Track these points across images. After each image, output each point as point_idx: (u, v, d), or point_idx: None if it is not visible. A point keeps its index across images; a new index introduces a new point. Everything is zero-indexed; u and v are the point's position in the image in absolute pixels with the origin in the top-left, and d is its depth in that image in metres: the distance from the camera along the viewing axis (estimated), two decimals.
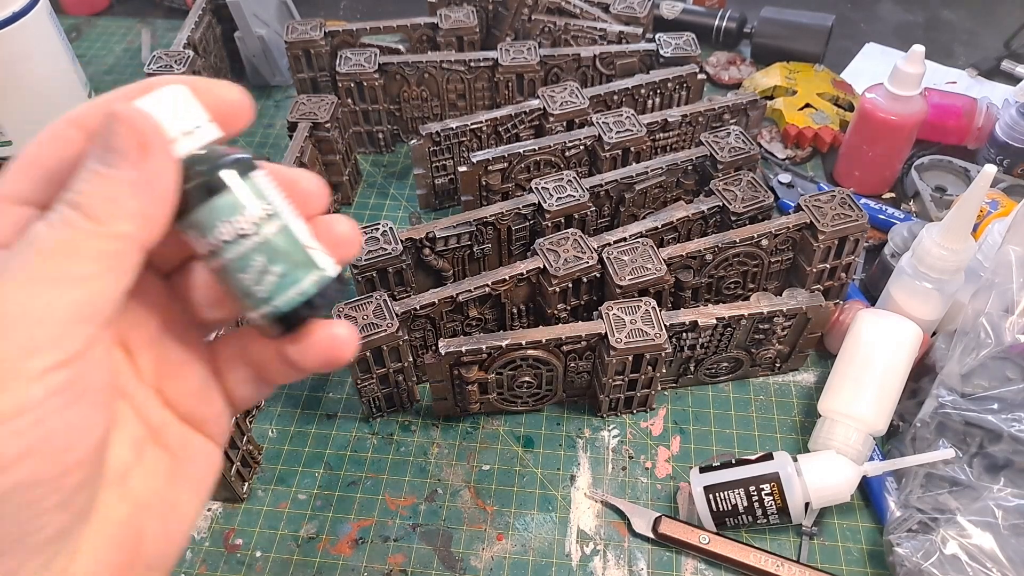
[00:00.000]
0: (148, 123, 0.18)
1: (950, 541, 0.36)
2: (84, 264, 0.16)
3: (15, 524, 0.16)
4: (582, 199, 0.45)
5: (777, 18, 0.67)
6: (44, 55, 0.60)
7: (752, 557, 0.38)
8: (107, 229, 0.17)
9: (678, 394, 0.46)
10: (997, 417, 0.38)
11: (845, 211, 0.43)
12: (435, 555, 0.39)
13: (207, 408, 0.22)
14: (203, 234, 0.19)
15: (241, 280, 0.19)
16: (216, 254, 0.19)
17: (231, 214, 0.19)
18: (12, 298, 0.16)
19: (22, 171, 0.19)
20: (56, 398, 0.16)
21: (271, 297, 0.19)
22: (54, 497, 0.16)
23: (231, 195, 0.19)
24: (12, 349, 0.15)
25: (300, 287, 0.19)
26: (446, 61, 0.56)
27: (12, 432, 0.15)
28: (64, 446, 0.16)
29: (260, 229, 0.19)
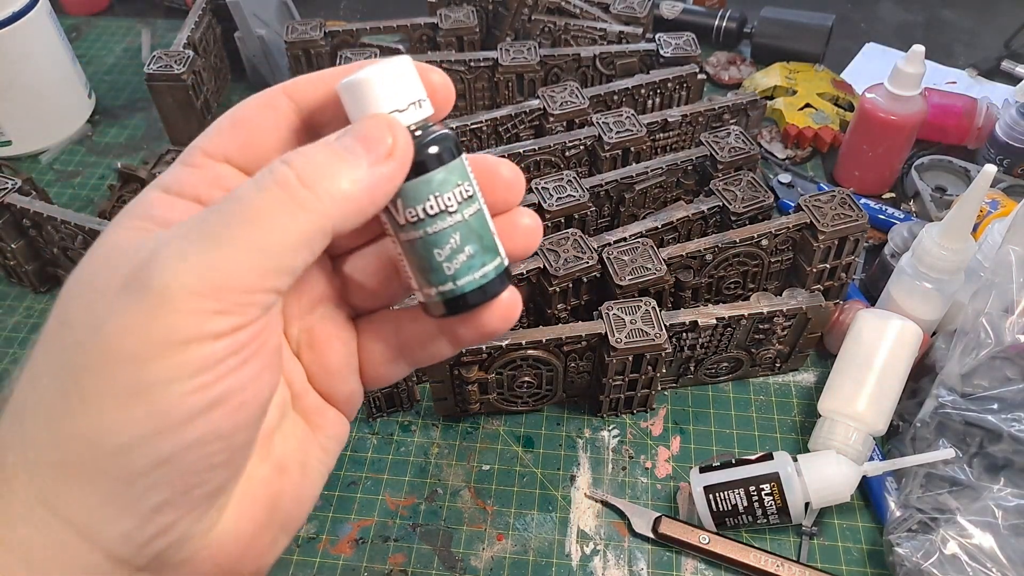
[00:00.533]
0: (403, 133, 0.18)
1: (950, 541, 0.36)
2: (280, 235, 0.16)
3: (187, 476, 0.16)
4: (582, 199, 0.45)
5: (777, 18, 0.67)
6: (44, 55, 0.60)
7: (752, 557, 0.38)
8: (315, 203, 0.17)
9: (678, 394, 0.46)
10: (997, 417, 0.38)
11: (845, 211, 0.43)
12: (435, 555, 0.39)
13: (342, 386, 0.23)
14: (410, 204, 0.19)
15: (433, 255, 0.19)
16: (416, 225, 0.19)
17: (442, 189, 0.19)
18: (205, 258, 0.16)
19: (227, 129, 0.19)
20: (234, 357, 0.16)
21: (457, 276, 0.20)
22: (224, 454, 0.17)
23: (444, 170, 0.19)
24: (199, 310, 0.16)
25: (484, 270, 0.20)
26: (446, 61, 0.56)
27: (197, 386, 0.16)
28: (239, 403, 0.17)
29: (462, 208, 0.19)
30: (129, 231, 0.17)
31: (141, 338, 0.15)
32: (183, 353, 0.16)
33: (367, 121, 0.18)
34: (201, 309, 0.16)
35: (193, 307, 0.16)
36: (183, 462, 0.16)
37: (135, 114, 0.66)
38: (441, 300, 0.20)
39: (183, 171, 0.19)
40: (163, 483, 0.16)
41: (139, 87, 0.68)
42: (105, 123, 0.66)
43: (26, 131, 0.62)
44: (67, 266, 0.51)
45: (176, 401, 0.16)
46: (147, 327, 0.15)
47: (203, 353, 0.16)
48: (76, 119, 0.65)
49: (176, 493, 0.16)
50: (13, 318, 0.51)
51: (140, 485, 0.16)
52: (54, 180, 0.61)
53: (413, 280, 0.20)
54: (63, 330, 0.16)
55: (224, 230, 0.16)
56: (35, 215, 0.48)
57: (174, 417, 0.16)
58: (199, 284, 0.16)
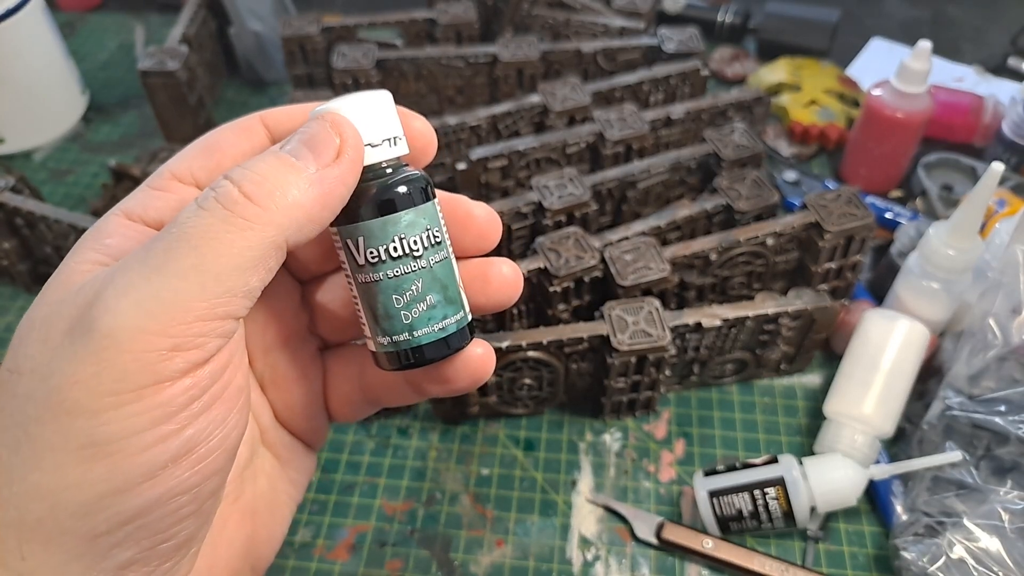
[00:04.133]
0: (351, 131, 0.17)
1: (956, 545, 0.35)
2: (228, 256, 0.15)
3: (153, 533, 0.16)
4: (584, 197, 0.44)
5: (782, 13, 0.66)
6: (37, 52, 0.59)
7: (757, 562, 0.37)
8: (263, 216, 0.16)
9: (682, 396, 0.45)
10: (1004, 419, 0.38)
11: (851, 210, 0.42)
12: (433, 561, 0.39)
13: (310, 421, 0.22)
14: (372, 244, 0.18)
15: (391, 301, 0.18)
16: (375, 267, 0.18)
17: (409, 231, 0.18)
18: (149, 291, 0.15)
19: (199, 152, 0.18)
20: (197, 402, 0.15)
21: (414, 326, 0.18)
22: (191, 505, 0.16)
23: (414, 212, 0.18)
24: (149, 349, 0.14)
25: (444, 323, 0.18)
26: (444, 56, 0.55)
27: (157, 438, 0.15)
28: (206, 452, 0.16)
29: (428, 254, 0.18)
30: (82, 265, 0.16)
31: (91, 389, 0.14)
32: (138, 402, 0.14)
33: (312, 123, 0.17)
34: (152, 348, 0.14)
35: (143, 347, 0.14)
36: (149, 518, 0.15)
37: (129, 111, 0.66)
38: (394, 351, 0.18)
39: (148, 194, 0.18)
40: (129, 540, 0.15)
41: (133, 84, 0.68)
42: (99, 120, 0.65)
43: (19, 129, 0.61)
44: None
45: (136, 456, 0.15)
46: (96, 376, 0.14)
47: (161, 400, 0.15)
48: (69, 116, 0.64)
49: (143, 549, 0.16)
50: (5, 319, 0.51)
51: (104, 543, 0.15)
52: (47, 178, 0.60)
53: (366, 327, 0.19)
54: (12, 378, 0.15)
55: (167, 258, 0.15)
56: (28, 214, 0.47)
57: (135, 473, 0.15)
58: (146, 320, 0.14)
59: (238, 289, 0.16)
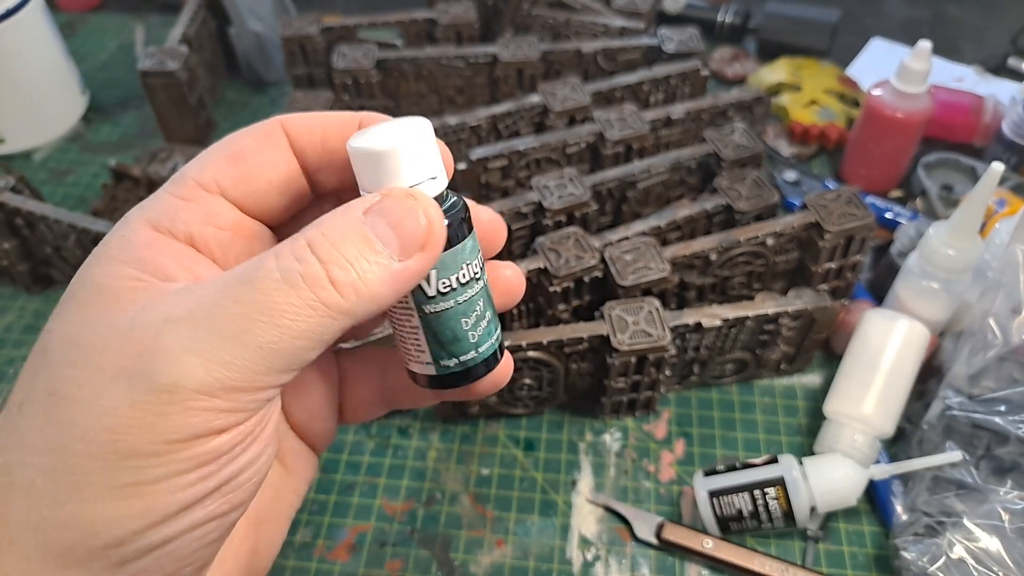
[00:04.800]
0: (438, 220, 0.17)
1: (956, 545, 0.35)
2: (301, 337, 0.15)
3: (177, 559, 0.16)
4: (584, 197, 0.44)
5: (782, 13, 0.66)
6: (37, 52, 0.59)
7: (757, 562, 0.37)
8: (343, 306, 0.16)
9: (682, 396, 0.45)
10: (1004, 419, 0.38)
11: (851, 210, 0.42)
12: (433, 561, 0.39)
13: (322, 424, 0.22)
14: (444, 275, 0.18)
15: (461, 324, 0.18)
16: (446, 296, 0.18)
17: (471, 256, 0.18)
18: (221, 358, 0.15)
19: (223, 161, 0.18)
20: (239, 447, 0.16)
21: (479, 343, 0.19)
22: (216, 532, 0.16)
23: (472, 238, 0.18)
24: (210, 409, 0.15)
25: (498, 333, 0.19)
26: (444, 56, 0.55)
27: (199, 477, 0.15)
28: (238, 485, 0.16)
29: (483, 273, 0.19)
30: (123, 281, 0.16)
31: (145, 436, 0.15)
32: (188, 450, 0.15)
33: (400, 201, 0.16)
34: (210, 408, 0.15)
35: (202, 406, 0.15)
36: (175, 546, 0.16)
37: (129, 111, 0.66)
38: (461, 370, 0.19)
39: (173, 203, 0.18)
40: (154, 566, 0.16)
41: (133, 84, 0.68)
42: (99, 121, 0.65)
43: (19, 129, 0.61)
44: (60, 266, 0.51)
45: (176, 494, 0.15)
46: (152, 426, 0.15)
47: (208, 448, 0.15)
48: (69, 117, 0.64)
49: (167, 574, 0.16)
50: (5, 319, 0.51)
51: (131, 569, 0.15)
52: (47, 179, 0.60)
53: (424, 353, 0.19)
54: (53, 401, 0.15)
55: (240, 325, 0.15)
56: (28, 214, 0.47)
57: (172, 509, 0.15)
58: (211, 384, 0.15)
59: (300, 364, 0.16)
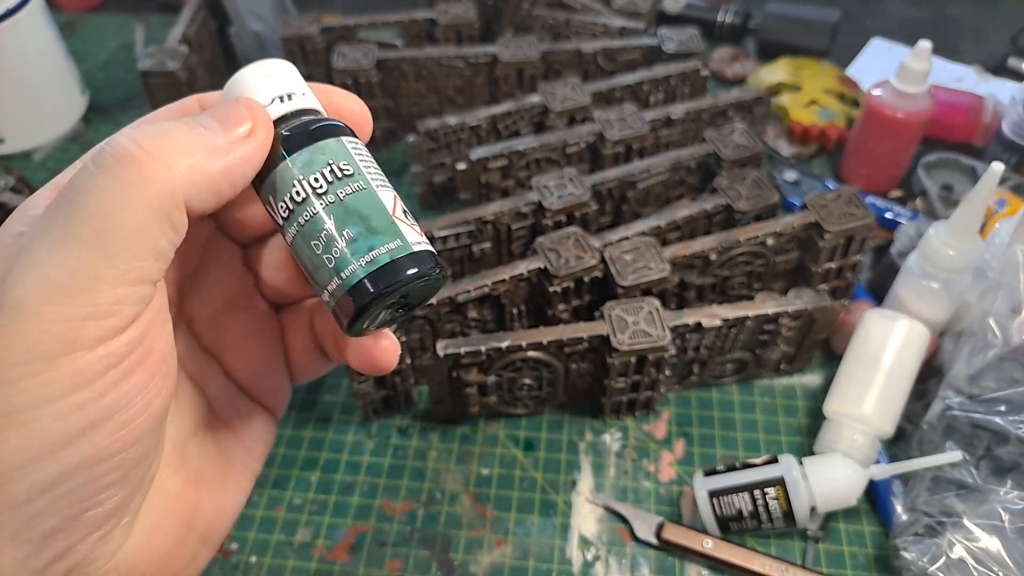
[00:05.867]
0: (262, 115, 0.18)
1: (956, 545, 0.35)
2: (129, 218, 0.15)
3: (76, 500, 0.15)
4: (584, 197, 0.44)
5: (782, 13, 0.66)
6: (37, 52, 0.59)
7: (757, 562, 0.37)
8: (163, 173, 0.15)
9: (682, 396, 0.45)
10: (1004, 419, 0.38)
11: (851, 210, 0.42)
12: (433, 561, 0.39)
13: (269, 380, 0.22)
14: (279, 196, 0.17)
15: (311, 250, 0.17)
16: (289, 220, 0.17)
17: (306, 171, 0.17)
18: (54, 262, 0.14)
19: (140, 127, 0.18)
20: (114, 370, 0.15)
21: (339, 267, 0.17)
22: (115, 473, 0.16)
23: (308, 151, 0.17)
24: (59, 320, 0.14)
25: (372, 255, 0.17)
26: (444, 56, 0.55)
27: (73, 406, 0.15)
28: (126, 419, 0.15)
29: (334, 188, 0.17)
30: (6, 239, 0.16)
31: (3, 360, 0.14)
32: (51, 370, 0.14)
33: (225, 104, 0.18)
34: (63, 318, 0.14)
35: (53, 317, 0.14)
36: (69, 486, 0.15)
37: (129, 111, 0.66)
38: (335, 303, 0.17)
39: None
40: (51, 509, 0.15)
41: (133, 84, 0.68)
42: (99, 120, 0.65)
43: (19, 129, 0.61)
44: None
45: (51, 424, 0.14)
46: (6, 348, 0.14)
47: (75, 368, 0.14)
48: (69, 117, 0.64)
49: (68, 518, 0.15)
50: None
51: (26, 512, 0.15)
52: (47, 178, 0.59)
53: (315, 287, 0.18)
54: None
55: (68, 227, 0.15)
56: None
57: (51, 441, 0.14)
58: (53, 290, 0.14)
59: (147, 253, 0.15)
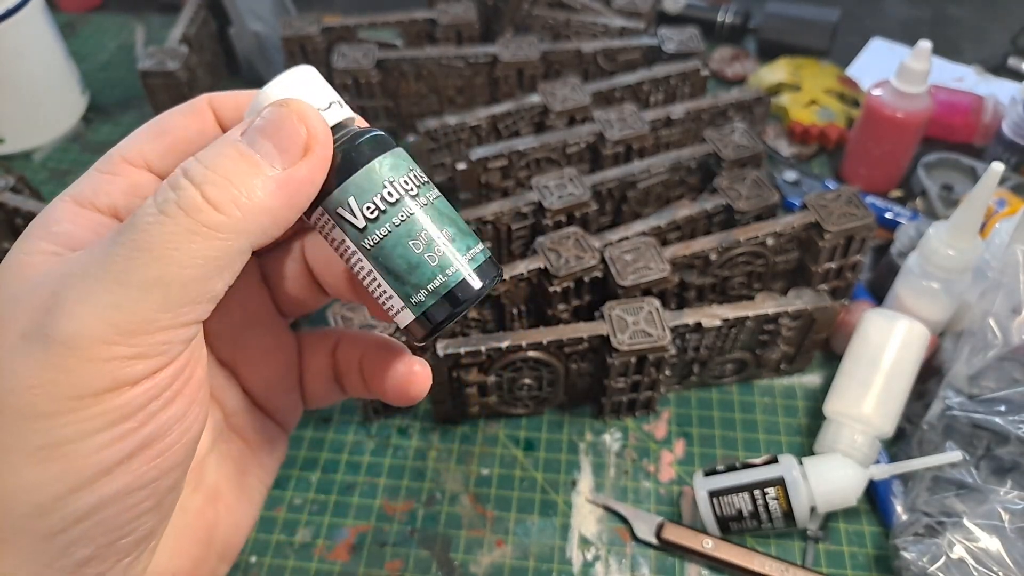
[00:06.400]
0: (318, 123, 0.16)
1: (956, 545, 0.35)
2: (191, 266, 0.15)
3: (111, 529, 0.15)
4: (584, 197, 0.44)
5: (782, 13, 0.66)
6: (38, 52, 0.59)
7: (757, 562, 0.37)
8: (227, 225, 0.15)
9: (682, 396, 0.45)
10: (1004, 419, 0.38)
11: (851, 210, 0.42)
12: (433, 560, 0.39)
13: (283, 398, 0.21)
14: (365, 199, 0.16)
15: (408, 249, 0.16)
16: (377, 221, 0.16)
17: (395, 173, 0.17)
18: (111, 301, 0.14)
19: (149, 135, 0.18)
20: (156, 401, 0.15)
21: (443, 265, 0.17)
22: (150, 500, 0.16)
23: (391, 155, 0.17)
24: (110, 358, 0.14)
25: (471, 253, 0.17)
26: (444, 56, 0.55)
27: (114, 438, 0.15)
28: (163, 448, 0.15)
29: (423, 192, 0.17)
30: (33, 256, 0.16)
31: (49, 394, 0.14)
32: (97, 405, 0.14)
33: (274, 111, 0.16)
34: (113, 357, 0.14)
35: (104, 356, 0.14)
36: (105, 515, 0.15)
37: (129, 111, 0.66)
38: (434, 301, 0.17)
39: (98, 179, 0.17)
40: (86, 538, 0.15)
41: (133, 84, 0.68)
42: (99, 121, 0.65)
43: (19, 129, 0.61)
44: None
45: (91, 455, 0.14)
46: (55, 382, 0.14)
47: (120, 403, 0.14)
48: (70, 117, 0.64)
49: (101, 546, 0.15)
50: None
51: (61, 542, 0.15)
52: (47, 178, 0.60)
53: (393, 297, 0.17)
54: None
55: (129, 268, 0.14)
56: (28, 214, 0.47)
57: (90, 472, 0.14)
58: (107, 330, 0.14)
59: (203, 297, 0.15)
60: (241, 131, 0.16)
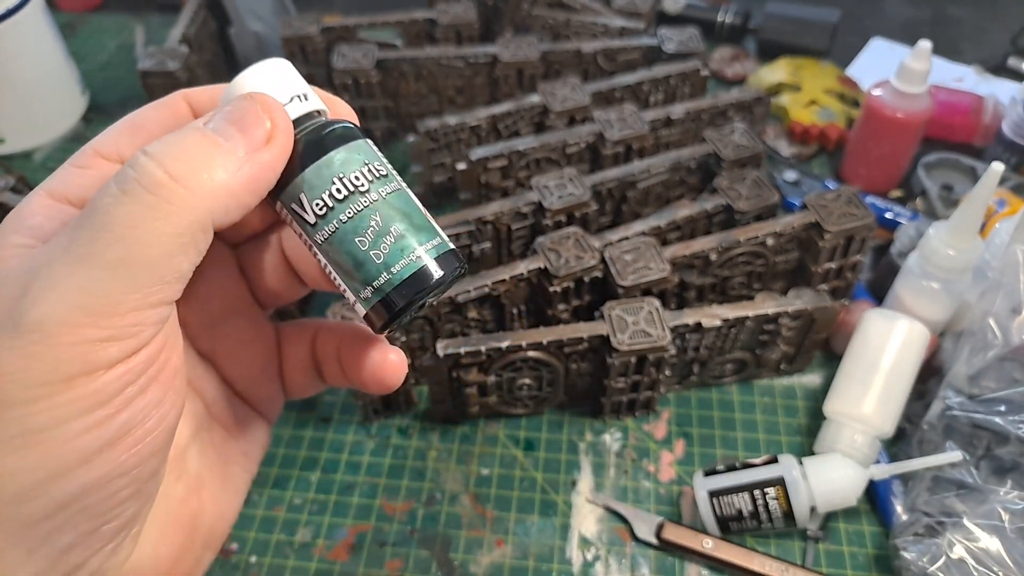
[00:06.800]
0: (281, 115, 0.17)
1: (956, 545, 0.35)
2: (156, 244, 0.15)
3: (92, 516, 0.15)
4: (584, 197, 0.44)
5: (782, 13, 0.66)
6: (37, 52, 0.59)
7: (757, 562, 0.37)
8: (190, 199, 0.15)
9: (682, 396, 0.45)
10: (1004, 419, 0.38)
11: (851, 210, 0.42)
12: (433, 560, 0.39)
13: (263, 388, 0.22)
14: (315, 194, 0.17)
15: (354, 245, 0.17)
16: (327, 217, 0.17)
17: (345, 168, 0.17)
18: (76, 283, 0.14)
19: (123, 130, 0.18)
20: (131, 387, 0.15)
21: (389, 262, 0.17)
22: (130, 487, 0.16)
23: (345, 150, 0.17)
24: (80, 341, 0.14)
25: (420, 251, 0.17)
26: (444, 56, 0.55)
27: (91, 424, 0.15)
28: (142, 434, 0.16)
29: (375, 186, 0.17)
30: (6, 250, 0.16)
31: (22, 381, 0.14)
32: (70, 391, 0.14)
33: (240, 102, 0.17)
34: (83, 340, 0.14)
35: (73, 339, 0.14)
36: (86, 502, 0.15)
37: (129, 111, 0.65)
38: (380, 299, 0.17)
39: (71, 172, 0.17)
40: (68, 525, 0.15)
41: (133, 84, 0.68)
42: (99, 121, 0.65)
43: (19, 129, 0.61)
44: None
45: (69, 442, 0.14)
46: (26, 369, 0.14)
47: (94, 388, 0.15)
48: (70, 117, 0.64)
49: (84, 533, 0.15)
50: None
51: (44, 528, 0.15)
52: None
53: (347, 290, 0.18)
54: None
55: (92, 249, 0.15)
56: None
57: (69, 459, 0.15)
58: (75, 313, 0.14)
59: (169, 276, 0.15)
60: (204, 121, 0.17)
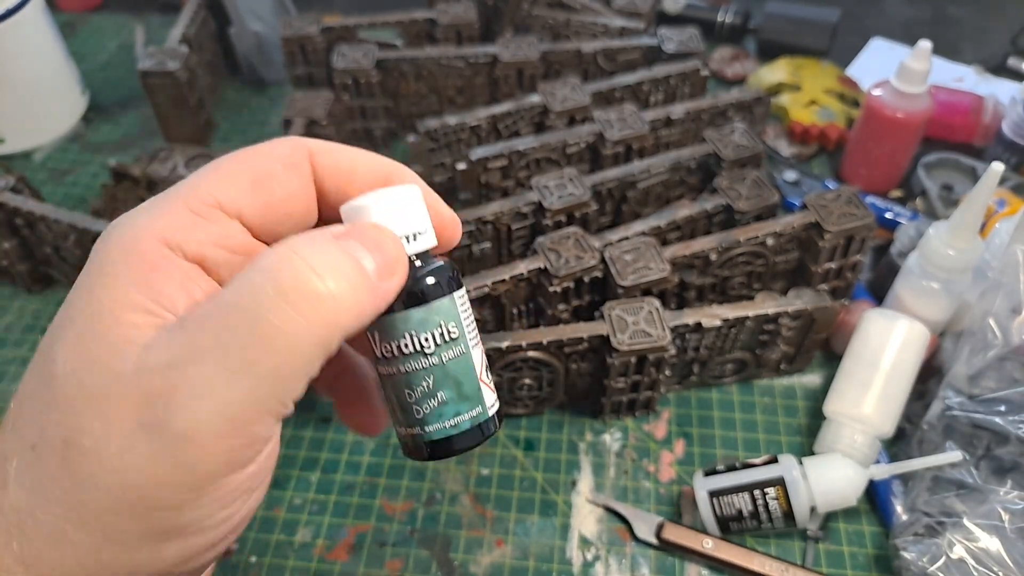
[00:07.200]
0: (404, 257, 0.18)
1: (956, 545, 0.35)
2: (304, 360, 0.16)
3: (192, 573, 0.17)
4: (584, 197, 0.44)
5: (782, 13, 0.66)
6: (37, 52, 0.59)
7: (757, 562, 0.37)
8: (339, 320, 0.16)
9: (682, 396, 0.45)
10: (1004, 419, 0.38)
11: (851, 210, 0.42)
12: (433, 560, 0.39)
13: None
14: (386, 339, 0.19)
15: (403, 395, 0.19)
16: (390, 362, 0.19)
17: (420, 328, 0.18)
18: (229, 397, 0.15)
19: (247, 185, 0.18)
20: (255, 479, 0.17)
21: (426, 422, 0.19)
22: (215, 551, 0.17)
23: (425, 310, 0.18)
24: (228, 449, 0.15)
25: (456, 420, 0.19)
26: (444, 56, 0.55)
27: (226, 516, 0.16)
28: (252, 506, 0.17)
29: (440, 351, 0.19)
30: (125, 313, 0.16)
31: (172, 488, 0.15)
32: (214, 492, 0.16)
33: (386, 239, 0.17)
34: (229, 448, 0.15)
35: (221, 447, 0.15)
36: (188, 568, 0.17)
37: (129, 111, 0.66)
38: (411, 442, 0.20)
39: (189, 220, 0.17)
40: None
41: (133, 84, 0.68)
42: (99, 121, 0.65)
43: (19, 129, 0.61)
44: (60, 266, 0.51)
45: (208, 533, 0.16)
46: (178, 477, 0.15)
47: (233, 485, 0.16)
48: (69, 117, 0.64)
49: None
50: (5, 318, 0.51)
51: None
52: (47, 178, 0.60)
53: (390, 410, 0.20)
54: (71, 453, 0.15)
55: (247, 359, 0.15)
56: (27, 214, 0.47)
57: (202, 546, 0.16)
58: (224, 425, 0.15)
59: (305, 382, 0.16)
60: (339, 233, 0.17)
